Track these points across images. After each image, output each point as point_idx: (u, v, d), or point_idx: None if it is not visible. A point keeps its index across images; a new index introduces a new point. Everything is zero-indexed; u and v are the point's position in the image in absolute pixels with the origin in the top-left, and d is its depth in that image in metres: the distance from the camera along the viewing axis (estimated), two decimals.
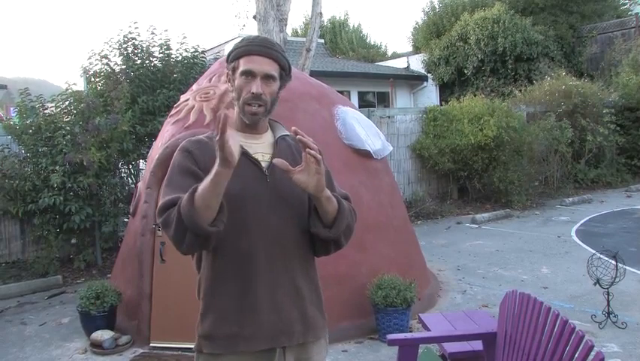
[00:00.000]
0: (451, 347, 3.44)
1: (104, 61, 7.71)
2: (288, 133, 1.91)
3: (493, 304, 5.19)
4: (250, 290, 1.74)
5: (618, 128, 12.78)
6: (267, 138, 1.87)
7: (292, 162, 1.75)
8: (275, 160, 1.64)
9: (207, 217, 1.59)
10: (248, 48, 1.79)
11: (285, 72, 1.85)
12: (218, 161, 1.53)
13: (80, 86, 7.88)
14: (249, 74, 1.77)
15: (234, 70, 1.81)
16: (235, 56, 1.81)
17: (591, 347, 2.01)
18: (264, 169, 1.78)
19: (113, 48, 7.82)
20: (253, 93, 1.75)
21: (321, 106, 5.36)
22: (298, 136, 1.62)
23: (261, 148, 1.82)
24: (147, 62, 7.83)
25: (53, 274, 6.68)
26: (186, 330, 3.75)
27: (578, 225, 8.93)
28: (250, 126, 1.83)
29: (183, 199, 1.60)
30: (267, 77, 1.78)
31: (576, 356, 2.08)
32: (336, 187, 1.91)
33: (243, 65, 1.78)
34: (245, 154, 1.74)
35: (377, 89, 18.72)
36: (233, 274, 1.75)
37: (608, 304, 4.65)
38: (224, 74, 1.91)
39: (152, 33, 8.02)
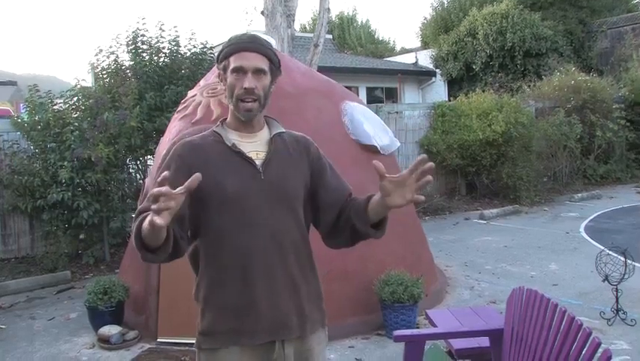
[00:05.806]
0: (458, 343, 3.43)
1: (112, 57, 7.73)
2: (284, 130, 1.93)
3: (500, 300, 5.17)
4: (249, 286, 1.77)
5: (628, 124, 12.64)
6: (263, 135, 1.89)
7: (288, 159, 1.85)
8: (375, 163, 1.71)
9: (152, 245, 1.60)
10: (236, 46, 1.82)
11: (275, 66, 1.87)
12: (149, 222, 1.48)
13: (89, 82, 7.92)
14: (239, 71, 1.80)
15: (225, 69, 1.84)
16: (225, 55, 1.84)
17: (598, 344, 1.99)
18: (259, 167, 1.81)
19: (121, 44, 7.84)
20: (245, 88, 1.78)
21: (329, 102, 5.35)
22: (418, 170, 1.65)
23: (256, 147, 1.85)
24: (155, 58, 7.84)
25: (62, 269, 6.71)
26: (193, 326, 3.75)
27: (587, 221, 8.87)
28: (245, 125, 1.86)
29: (136, 223, 1.63)
30: (258, 72, 1.80)
31: (583, 352, 2.06)
32: (342, 180, 1.97)
33: (233, 62, 1.81)
34: (239, 153, 1.80)
35: (385, 84, 18.68)
36: (232, 270, 1.77)
37: (617, 301, 4.61)
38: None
39: (161, 29, 8.03)
